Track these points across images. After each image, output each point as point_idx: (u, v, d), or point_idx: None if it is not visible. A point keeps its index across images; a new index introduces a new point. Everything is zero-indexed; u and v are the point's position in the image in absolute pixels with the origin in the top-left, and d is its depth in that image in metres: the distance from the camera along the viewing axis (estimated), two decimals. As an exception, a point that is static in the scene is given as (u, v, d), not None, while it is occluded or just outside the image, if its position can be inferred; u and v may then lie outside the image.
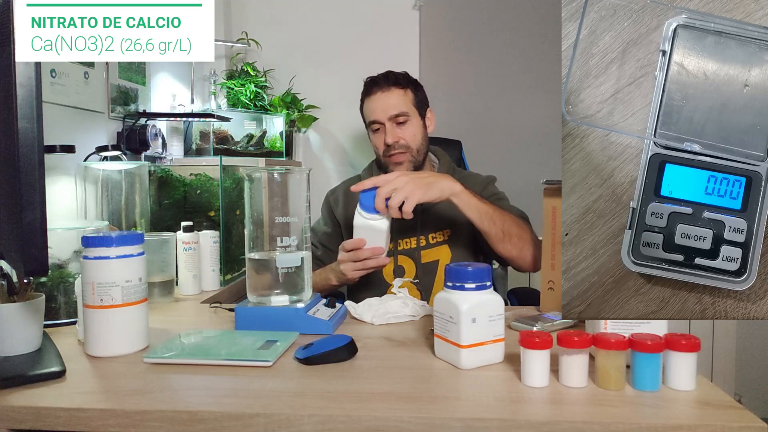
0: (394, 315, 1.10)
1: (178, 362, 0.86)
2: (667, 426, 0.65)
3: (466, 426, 0.66)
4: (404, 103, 1.49)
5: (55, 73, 1.55)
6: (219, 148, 2.26)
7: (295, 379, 0.80)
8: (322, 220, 1.64)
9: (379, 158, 1.55)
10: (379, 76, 1.53)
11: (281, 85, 2.59)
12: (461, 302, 0.81)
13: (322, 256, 1.56)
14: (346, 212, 1.54)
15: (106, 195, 1.51)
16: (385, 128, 1.48)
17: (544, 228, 1.18)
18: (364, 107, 1.56)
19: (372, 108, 1.51)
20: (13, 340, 0.87)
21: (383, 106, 1.49)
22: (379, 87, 1.50)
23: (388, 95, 1.49)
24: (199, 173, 1.67)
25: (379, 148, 1.52)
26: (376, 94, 1.50)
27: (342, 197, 1.59)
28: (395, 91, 1.50)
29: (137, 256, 0.92)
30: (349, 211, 1.50)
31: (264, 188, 1.05)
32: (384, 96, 1.49)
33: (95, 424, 0.70)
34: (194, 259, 1.42)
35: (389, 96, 1.49)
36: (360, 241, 1.23)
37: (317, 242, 1.58)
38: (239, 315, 1.03)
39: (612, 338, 0.74)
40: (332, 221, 1.60)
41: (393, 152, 1.48)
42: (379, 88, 1.50)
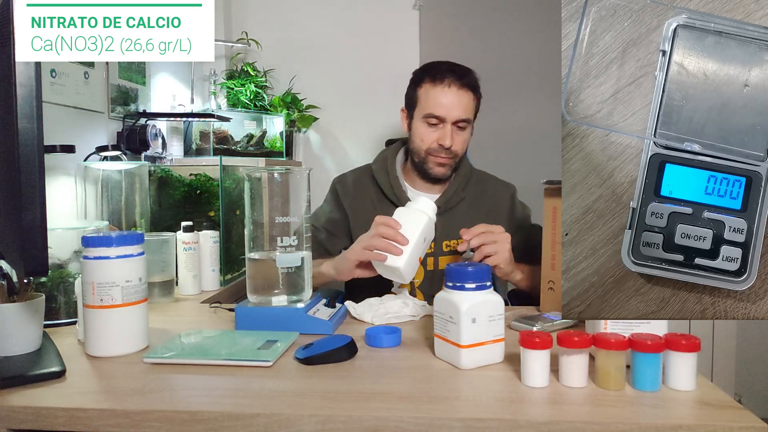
0: (394, 315, 1.10)
1: (178, 362, 0.86)
2: (667, 426, 0.65)
3: (466, 426, 0.66)
4: (471, 109, 1.39)
5: (55, 73, 1.55)
6: (219, 148, 2.26)
7: (295, 379, 0.80)
8: (326, 205, 1.54)
9: (419, 151, 1.42)
10: (458, 68, 1.38)
11: (281, 85, 2.59)
12: (461, 302, 0.81)
13: (325, 241, 1.47)
14: (355, 203, 1.48)
15: (106, 195, 1.51)
16: (446, 127, 1.37)
17: (544, 228, 1.18)
18: (423, 91, 1.39)
19: (439, 101, 1.36)
20: (13, 340, 0.87)
21: (453, 104, 1.36)
22: (456, 82, 1.36)
23: (461, 95, 1.36)
24: (199, 173, 1.67)
25: (425, 143, 1.40)
26: (449, 87, 1.35)
27: (352, 187, 1.51)
28: (468, 94, 1.38)
29: (137, 256, 0.92)
30: (358, 203, 1.47)
31: (264, 188, 1.05)
32: (458, 94, 1.36)
33: (95, 424, 0.70)
34: (194, 259, 1.42)
35: (462, 96, 1.37)
36: (395, 222, 1.12)
37: (320, 226, 1.49)
38: (239, 315, 1.03)
39: (612, 338, 0.74)
40: (339, 208, 1.51)
41: (441, 155, 1.39)
42: (455, 83, 1.36)
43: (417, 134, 1.41)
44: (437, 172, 1.42)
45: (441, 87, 1.36)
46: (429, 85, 1.38)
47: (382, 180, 1.47)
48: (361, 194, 1.50)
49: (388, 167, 1.48)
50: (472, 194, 1.48)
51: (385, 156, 1.52)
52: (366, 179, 1.52)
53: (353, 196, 1.50)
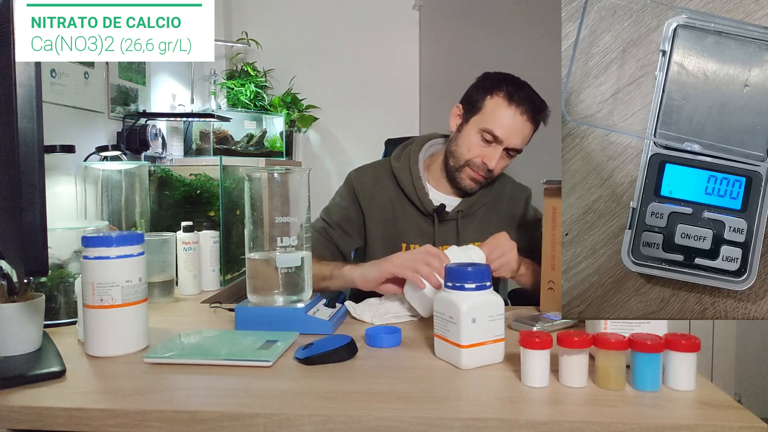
0: (394, 315, 1.10)
1: (178, 362, 0.86)
2: (667, 426, 0.65)
3: (466, 426, 0.66)
4: (527, 141, 1.34)
5: (55, 73, 1.55)
6: (219, 148, 2.26)
7: (295, 379, 0.80)
8: (341, 200, 1.44)
9: (459, 157, 1.35)
10: (537, 98, 1.32)
11: (281, 85, 2.59)
12: (461, 302, 0.81)
13: (338, 239, 1.40)
14: (372, 201, 1.42)
15: (106, 195, 1.51)
16: (497, 149, 1.30)
17: (544, 228, 1.18)
18: (493, 103, 1.30)
19: (503, 122, 1.29)
20: (13, 340, 0.87)
21: (517, 132, 1.30)
22: (529, 112, 1.30)
23: (527, 127, 1.31)
24: (199, 173, 1.67)
25: (470, 153, 1.33)
26: (522, 115, 1.29)
27: (371, 184, 1.43)
28: (531, 126, 1.32)
29: (137, 256, 0.92)
30: (375, 201, 1.41)
31: (264, 188, 1.05)
32: (525, 125, 1.30)
33: (95, 424, 0.70)
34: (194, 259, 1.42)
35: (527, 128, 1.31)
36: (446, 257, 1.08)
37: (334, 223, 1.40)
38: (239, 315, 1.03)
39: (612, 338, 0.74)
40: (354, 206, 1.43)
41: (480, 172, 1.33)
42: (527, 112, 1.29)
43: (466, 141, 1.34)
44: (468, 185, 1.37)
45: (514, 110, 1.29)
46: (503, 100, 1.30)
47: (404, 180, 1.40)
48: (380, 192, 1.43)
49: (411, 166, 1.41)
50: (490, 196, 1.44)
51: (408, 153, 1.44)
52: (386, 176, 1.44)
53: (371, 194, 1.42)
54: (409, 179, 1.40)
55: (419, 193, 1.38)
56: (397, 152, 1.47)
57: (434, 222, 1.38)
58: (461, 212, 1.37)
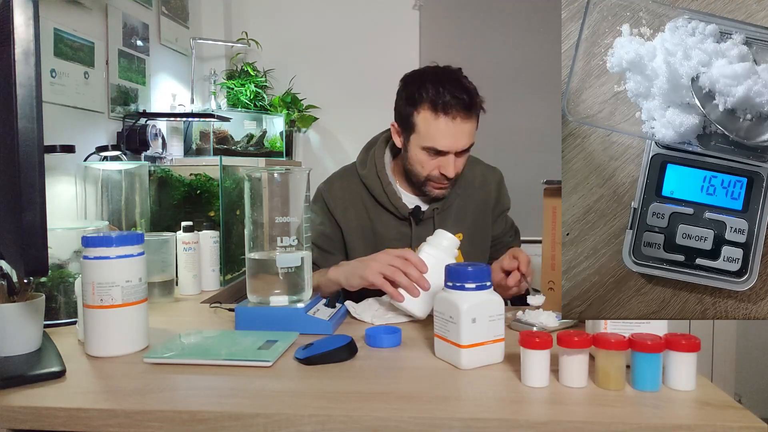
0: (394, 315, 1.10)
1: (178, 362, 0.86)
2: (667, 426, 0.65)
3: (466, 426, 0.66)
4: (474, 131, 1.27)
5: (55, 73, 1.55)
6: (219, 148, 2.26)
7: (295, 379, 0.80)
8: (315, 218, 1.38)
9: (417, 175, 1.31)
10: (463, 99, 1.21)
11: (281, 85, 2.59)
12: (461, 302, 0.81)
13: (318, 259, 1.34)
14: (347, 214, 1.38)
15: (106, 195, 1.51)
16: (449, 157, 1.25)
17: (544, 228, 1.18)
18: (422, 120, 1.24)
19: (440, 136, 1.22)
20: (13, 340, 0.87)
21: (458, 137, 1.23)
22: (461, 112, 1.21)
23: (466, 126, 1.23)
24: (199, 173, 1.67)
25: (425, 170, 1.29)
26: (454, 120, 1.21)
27: (342, 197, 1.39)
28: (473, 119, 1.25)
29: (137, 256, 0.92)
30: (350, 213, 1.38)
31: (264, 188, 1.05)
32: (462, 126, 1.22)
33: (95, 424, 0.70)
34: (194, 259, 1.42)
35: (467, 125, 1.24)
36: (423, 265, 1.06)
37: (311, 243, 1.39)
38: (239, 315, 1.03)
39: (612, 338, 0.74)
40: (330, 222, 1.39)
41: (443, 182, 1.30)
42: (459, 113, 1.21)
43: (416, 160, 1.29)
44: (437, 194, 1.34)
45: (445, 119, 1.21)
46: (430, 114, 1.22)
47: (375, 188, 1.37)
48: (353, 202, 1.39)
49: (379, 172, 1.37)
50: (462, 185, 1.42)
51: (372, 157, 1.40)
52: (355, 185, 1.41)
53: (344, 207, 1.39)
54: (380, 186, 1.36)
55: (392, 200, 1.36)
56: (362, 156, 1.43)
57: (411, 224, 1.37)
58: (437, 209, 1.37)
